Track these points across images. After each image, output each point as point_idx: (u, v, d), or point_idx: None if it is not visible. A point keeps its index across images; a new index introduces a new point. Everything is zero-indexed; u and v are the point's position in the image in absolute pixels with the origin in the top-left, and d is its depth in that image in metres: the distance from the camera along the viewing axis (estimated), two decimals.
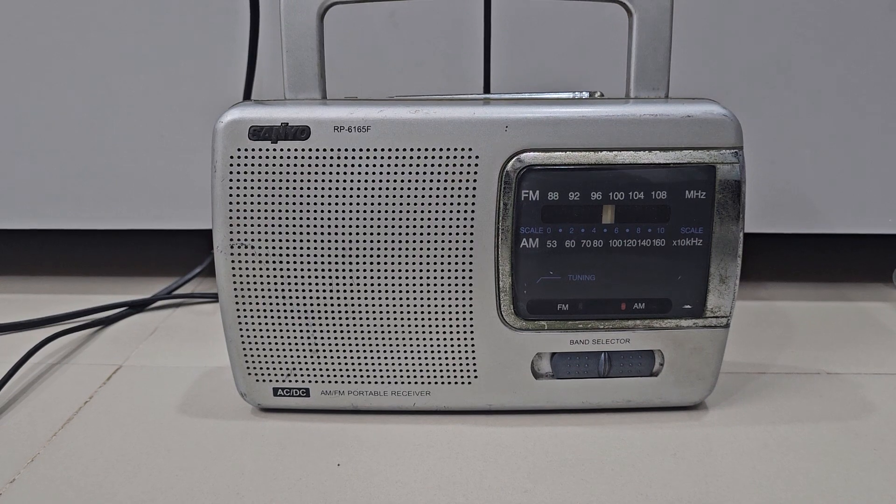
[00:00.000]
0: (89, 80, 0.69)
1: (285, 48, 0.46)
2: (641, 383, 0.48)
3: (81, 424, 0.48)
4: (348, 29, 0.67)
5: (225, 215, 0.45)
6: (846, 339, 0.62)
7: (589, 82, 0.58)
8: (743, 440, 0.46)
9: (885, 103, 0.67)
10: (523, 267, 0.45)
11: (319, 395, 0.48)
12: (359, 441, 0.46)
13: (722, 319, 0.47)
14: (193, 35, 0.68)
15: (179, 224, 0.72)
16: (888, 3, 0.64)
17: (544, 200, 0.44)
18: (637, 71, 0.46)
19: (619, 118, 0.44)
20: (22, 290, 0.75)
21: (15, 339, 0.62)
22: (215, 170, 0.44)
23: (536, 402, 0.48)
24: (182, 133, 0.70)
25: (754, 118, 0.66)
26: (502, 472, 0.43)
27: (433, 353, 0.47)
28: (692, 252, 0.45)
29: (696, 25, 0.65)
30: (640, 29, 0.46)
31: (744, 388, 0.53)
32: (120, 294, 0.72)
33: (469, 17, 0.67)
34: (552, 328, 0.46)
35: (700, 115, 0.44)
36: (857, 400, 0.51)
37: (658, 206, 0.44)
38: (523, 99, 0.47)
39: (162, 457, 0.44)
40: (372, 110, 0.44)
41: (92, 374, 0.55)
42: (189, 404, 0.51)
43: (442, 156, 0.44)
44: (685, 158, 0.44)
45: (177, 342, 0.62)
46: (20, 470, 0.43)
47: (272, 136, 0.44)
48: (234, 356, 0.47)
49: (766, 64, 0.66)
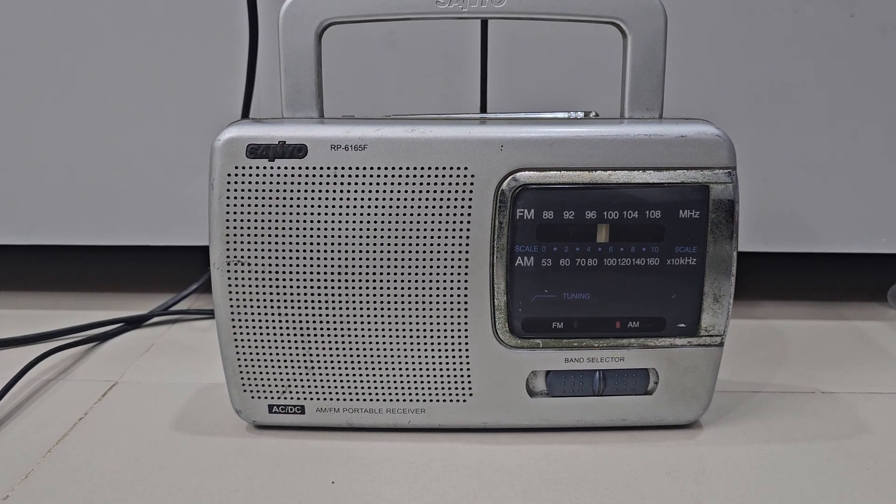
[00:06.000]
0: (88, 97, 0.69)
1: (283, 67, 0.46)
2: (636, 402, 0.48)
3: (76, 441, 0.48)
4: (346, 48, 0.67)
5: (222, 232, 0.45)
6: (841, 359, 0.62)
7: (584, 102, 0.59)
8: (737, 459, 0.46)
9: (878, 123, 0.67)
10: (518, 285, 0.45)
11: (314, 413, 0.48)
12: (353, 458, 0.46)
13: (716, 338, 0.47)
14: (192, 53, 0.68)
15: (176, 241, 0.72)
16: (880, 25, 0.65)
17: (539, 219, 0.45)
18: (631, 91, 0.47)
19: (613, 138, 0.44)
20: (18, 305, 0.75)
21: (11, 354, 0.62)
22: (212, 187, 0.44)
23: (531, 421, 0.48)
24: (180, 150, 0.70)
25: (748, 138, 0.67)
26: (496, 491, 0.43)
27: (428, 370, 0.47)
28: (686, 271, 0.45)
29: (689, 46, 0.66)
30: (634, 50, 0.46)
31: (738, 407, 0.53)
32: (116, 310, 0.72)
33: (466, 37, 0.67)
34: (547, 346, 0.46)
35: (694, 135, 0.44)
36: (852, 419, 0.51)
37: (652, 225, 0.45)
38: (519, 118, 0.48)
39: (157, 474, 0.44)
40: (369, 129, 0.44)
41: (88, 391, 0.55)
42: (184, 421, 0.51)
43: (438, 174, 0.44)
44: (679, 178, 0.44)
45: (173, 359, 0.62)
46: (14, 486, 0.43)
47: (269, 154, 0.44)
48: (229, 373, 0.47)
49: (759, 84, 0.67)
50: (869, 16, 0.65)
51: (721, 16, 0.66)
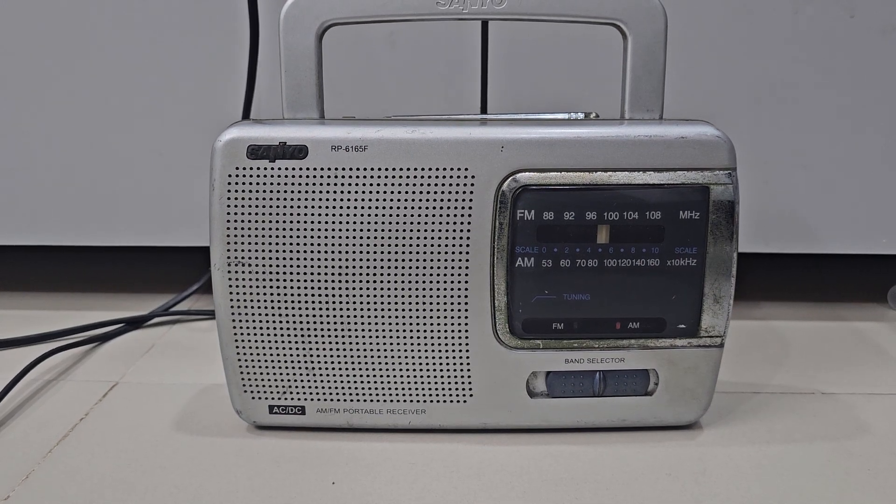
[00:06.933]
0: (88, 97, 0.69)
1: (284, 68, 0.46)
2: (636, 402, 0.48)
3: (77, 441, 0.48)
4: (347, 49, 0.67)
5: (222, 233, 0.45)
6: (841, 359, 0.62)
7: (584, 103, 0.59)
8: (737, 460, 0.46)
9: (878, 123, 0.67)
10: (519, 286, 0.45)
11: (315, 413, 0.48)
12: (354, 459, 0.46)
13: (716, 339, 0.47)
14: (193, 54, 0.68)
15: (177, 241, 0.72)
16: (880, 26, 0.65)
17: (540, 220, 0.45)
18: (631, 92, 0.47)
19: (613, 139, 0.44)
20: (19, 306, 0.75)
21: (12, 355, 0.62)
22: (213, 188, 0.44)
23: (531, 421, 0.48)
24: (180, 151, 0.70)
25: (748, 139, 0.67)
26: (497, 491, 0.43)
27: (429, 371, 0.47)
28: (686, 272, 0.45)
29: (689, 47, 0.66)
30: (634, 51, 0.46)
31: (738, 407, 0.53)
32: (117, 311, 0.72)
33: (466, 38, 0.67)
34: (547, 347, 0.46)
35: (694, 136, 0.44)
36: (852, 420, 0.51)
37: (652, 226, 0.45)
38: (519, 119, 0.48)
39: (157, 474, 0.44)
40: (369, 130, 0.44)
41: (88, 391, 0.55)
42: (185, 421, 0.51)
43: (438, 175, 0.44)
44: (679, 179, 0.44)
45: (173, 359, 0.62)
46: (15, 486, 0.43)
47: (270, 155, 0.44)
48: (229, 373, 0.47)
49: (759, 85, 0.67)
50: (869, 17, 0.65)
51: (721, 16, 0.66)
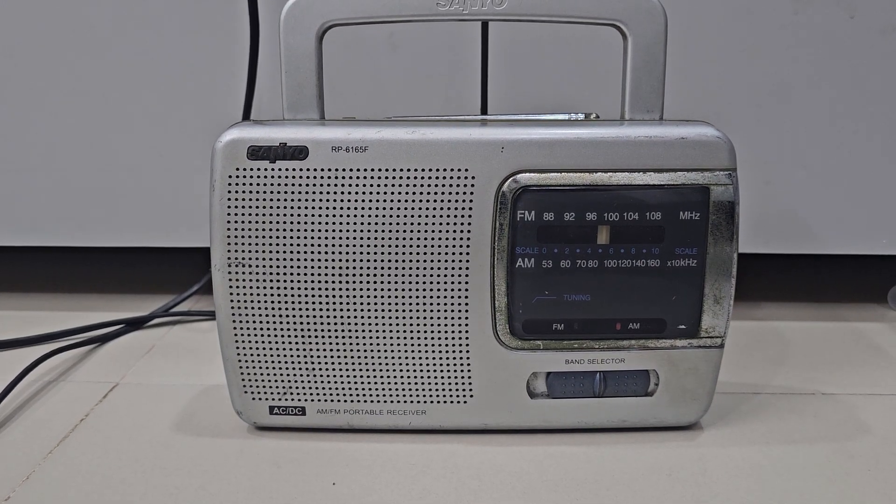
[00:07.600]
0: (89, 98, 0.69)
1: (284, 69, 0.46)
2: (636, 403, 0.48)
3: (77, 442, 0.48)
4: (347, 50, 0.67)
5: (223, 234, 0.45)
6: (841, 360, 0.62)
7: (584, 104, 0.59)
8: (738, 460, 0.46)
9: (879, 124, 0.67)
10: (519, 287, 0.45)
11: (315, 414, 0.48)
12: (354, 460, 0.46)
13: (717, 340, 0.47)
14: (194, 55, 0.68)
15: (177, 242, 0.72)
16: (880, 27, 0.65)
17: (540, 221, 0.45)
18: (632, 93, 0.47)
19: (613, 140, 0.44)
20: (19, 306, 0.75)
21: (12, 356, 0.62)
22: (213, 189, 0.44)
23: (532, 422, 0.48)
24: (181, 152, 0.70)
25: (748, 139, 0.67)
26: (497, 492, 0.43)
27: (429, 372, 0.47)
28: (687, 273, 0.45)
29: (690, 48, 0.66)
30: (634, 52, 0.46)
31: (739, 408, 0.53)
32: (117, 311, 0.72)
33: (467, 39, 0.67)
34: (547, 348, 0.46)
35: (694, 136, 0.44)
36: (853, 421, 0.51)
37: (652, 226, 0.45)
38: (519, 120, 0.48)
39: (157, 475, 0.44)
40: (370, 131, 0.44)
41: (88, 392, 0.55)
42: (185, 422, 0.51)
43: (438, 176, 0.44)
44: (679, 180, 0.44)
45: (173, 360, 0.62)
46: (15, 487, 0.43)
47: (270, 155, 0.44)
48: (230, 374, 0.47)
49: (759, 86, 0.67)
50: (869, 17, 0.65)
51: (721, 17, 0.66)
